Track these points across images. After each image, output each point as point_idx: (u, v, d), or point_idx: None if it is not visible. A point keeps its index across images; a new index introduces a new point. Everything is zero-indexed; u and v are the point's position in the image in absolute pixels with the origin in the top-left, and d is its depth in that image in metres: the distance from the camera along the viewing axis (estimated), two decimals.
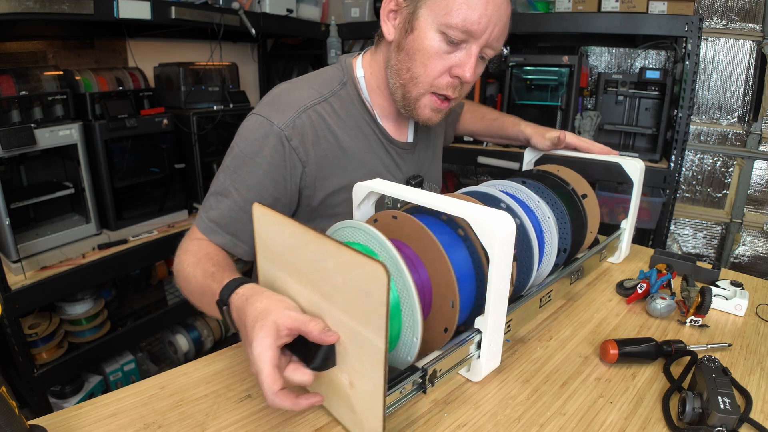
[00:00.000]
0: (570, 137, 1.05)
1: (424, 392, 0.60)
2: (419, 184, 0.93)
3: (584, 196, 0.92)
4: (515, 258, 0.69)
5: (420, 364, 0.59)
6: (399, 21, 0.76)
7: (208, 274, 0.66)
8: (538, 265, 0.79)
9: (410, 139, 0.93)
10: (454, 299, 0.60)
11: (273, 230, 0.58)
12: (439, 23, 0.71)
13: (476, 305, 0.67)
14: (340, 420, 0.59)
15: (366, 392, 0.51)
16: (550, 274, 0.85)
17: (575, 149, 1.06)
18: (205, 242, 0.77)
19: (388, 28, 0.77)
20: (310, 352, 0.52)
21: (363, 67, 0.86)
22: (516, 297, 0.77)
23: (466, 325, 0.68)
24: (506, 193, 0.80)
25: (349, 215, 0.83)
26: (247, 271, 1.22)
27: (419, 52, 0.73)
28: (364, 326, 0.48)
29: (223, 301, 0.58)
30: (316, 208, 0.83)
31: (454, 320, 0.61)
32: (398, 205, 0.97)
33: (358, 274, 0.46)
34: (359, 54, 0.89)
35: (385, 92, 0.86)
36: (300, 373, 0.51)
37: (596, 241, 1.01)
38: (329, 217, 0.83)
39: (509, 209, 0.77)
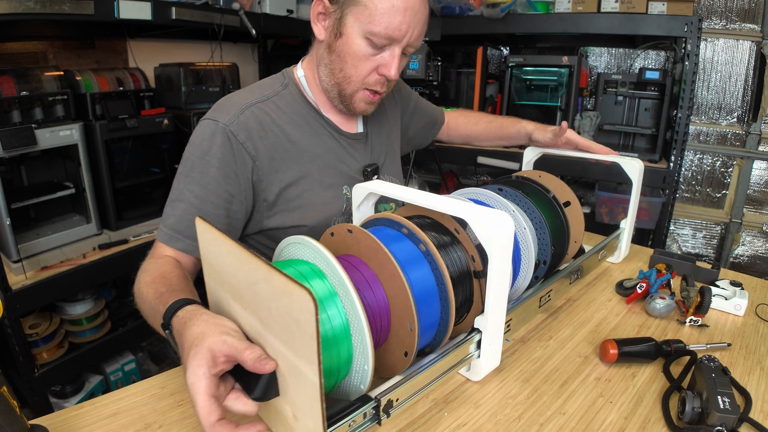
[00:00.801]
0: (570, 133, 1.06)
1: (379, 423, 0.55)
2: (374, 172, 0.94)
3: (567, 203, 0.88)
4: (483, 275, 0.64)
5: (374, 393, 0.55)
6: (328, 24, 0.81)
7: (157, 295, 0.64)
8: (513, 281, 0.76)
9: (360, 129, 0.96)
10: (412, 321, 0.55)
11: (213, 247, 0.54)
12: (364, 30, 0.77)
13: (442, 324, 0.62)
14: None
15: (308, 428, 0.46)
16: (528, 287, 0.80)
17: (576, 146, 1.06)
18: (162, 260, 0.75)
19: (319, 29, 0.83)
20: (251, 380, 0.48)
21: (303, 68, 0.91)
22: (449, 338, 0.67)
23: (432, 346, 0.65)
24: (477, 202, 0.73)
25: (311, 208, 0.84)
26: None
27: (349, 55, 0.80)
28: (298, 358, 0.44)
29: (166, 324, 0.56)
30: (274, 202, 0.84)
31: (413, 344, 0.56)
32: (392, 206, 0.98)
33: (288, 302, 0.42)
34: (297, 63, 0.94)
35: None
36: (241, 403, 0.48)
37: (581, 251, 0.97)
38: (290, 211, 0.85)
39: None
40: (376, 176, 0.94)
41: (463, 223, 0.66)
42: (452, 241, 0.66)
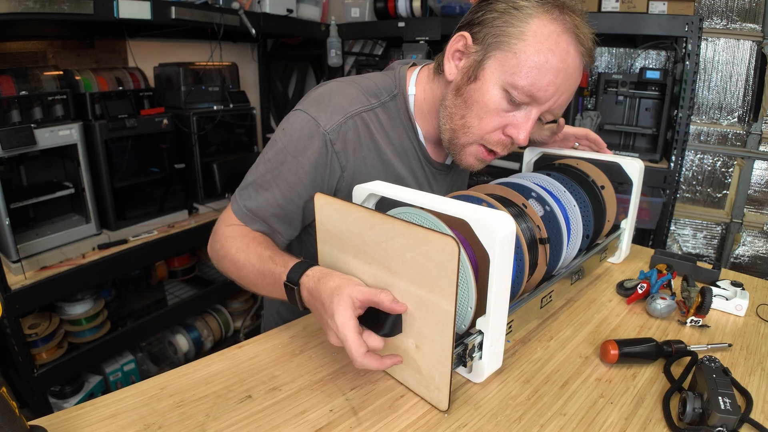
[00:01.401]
0: (567, 127, 1.06)
1: (464, 365, 0.64)
2: None
3: (603, 187, 0.97)
4: (548, 240, 0.76)
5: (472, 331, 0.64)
6: (464, 64, 0.73)
7: (265, 257, 0.70)
8: (566, 248, 0.85)
9: (448, 161, 0.92)
10: None
11: (336, 216, 0.64)
12: (505, 81, 0.68)
13: (517, 281, 0.72)
14: (404, 382, 0.65)
15: (433, 353, 0.58)
16: (575, 258, 0.93)
17: (573, 137, 1.07)
18: (245, 228, 0.80)
19: (451, 67, 0.75)
20: (378, 321, 0.58)
21: (416, 86, 0.84)
22: (544, 278, 0.83)
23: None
24: (536, 184, 0.86)
25: None
26: None
27: (478, 104, 0.71)
28: (434, 294, 0.54)
29: (294, 282, 0.63)
30: None
31: None
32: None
33: (427, 249, 0.53)
34: (415, 67, 0.86)
35: (433, 121, 0.84)
36: (373, 339, 0.57)
37: (614, 228, 1.06)
38: None
39: (539, 198, 0.83)
40: None
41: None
42: (521, 213, 0.76)
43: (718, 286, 0.90)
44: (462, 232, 0.67)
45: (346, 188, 0.81)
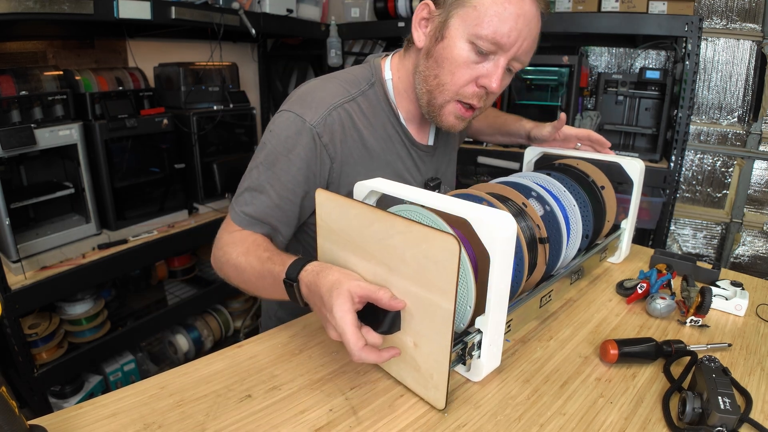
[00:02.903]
0: (566, 128, 1.06)
1: (463, 363, 0.65)
2: (437, 187, 0.95)
3: (603, 187, 0.97)
4: (547, 240, 0.76)
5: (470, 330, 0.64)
6: (430, 29, 0.77)
7: (264, 259, 0.71)
8: (566, 248, 0.85)
9: (431, 142, 0.95)
10: None
11: (336, 212, 0.64)
12: (469, 33, 0.72)
13: (516, 280, 0.72)
14: (401, 380, 0.65)
15: (431, 351, 0.58)
16: (575, 258, 0.93)
17: (575, 138, 1.07)
18: (246, 233, 0.80)
19: (419, 35, 0.79)
20: (377, 318, 0.58)
21: (391, 69, 0.88)
22: (543, 279, 0.82)
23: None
24: (537, 183, 0.87)
25: None
26: None
27: (448, 60, 0.75)
28: (432, 293, 0.54)
29: (293, 279, 0.63)
30: None
31: None
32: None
33: (428, 246, 0.52)
34: (387, 55, 0.90)
35: (411, 96, 0.87)
36: (371, 336, 0.57)
37: (614, 228, 1.06)
38: None
39: (539, 197, 0.83)
40: (437, 190, 0.95)
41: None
42: (521, 212, 0.77)
43: (718, 286, 0.90)
44: (462, 230, 0.67)
45: (337, 179, 0.83)
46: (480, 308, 0.64)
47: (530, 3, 0.72)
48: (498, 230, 0.58)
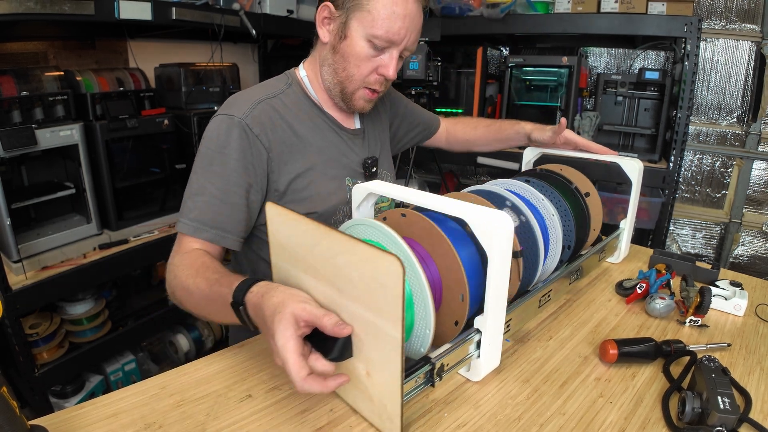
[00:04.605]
0: (569, 133, 1.06)
1: (432, 386, 0.61)
2: (374, 164, 1.00)
3: (587, 194, 0.95)
4: (521, 254, 0.72)
5: (431, 356, 0.61)
6: (333, 27, 0.88)
7: (212, 281, 0.68)
8: (543, 261, 0.80)
9: (358, 125, 1.02)
10: (464, 293, 0.62)
11: (286, 228, 0.61)
12: (367, 33, 0.84)
13: (482, 299, 0.67)
14: (357, 409, 0.61)
15: (383, 382, 0.53)
16: (555, 270, 0.87)
17: (575, 146, 1.07)
18: (194, 254, 0.78)
19: (324, 32, 0.89)
20: (327, 344, 0.54)
21: (305, 68, 0.97)
22: (519, 294, 0.78)
23: (469, 321, 0.68)
24: (511, 192, 0.83)
25: (318, 198, 0.89)
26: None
27: (353, 56, 0.86)
28: (380, 318, 0.50)
29: (239, 302, 0.60)
30: (284, 192, 0.88)
31: (464, 313, 0.63)
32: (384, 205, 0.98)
33: (373, 268, 0.48)
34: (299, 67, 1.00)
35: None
36: (321, 363, 0.53)
37: (599, 239, 1.03)
38: (299, 201, 0.89)
39: (514, 207, 0.79)
40: (375, 168, 1.00)
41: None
42: None
43: (717, 286, 0.90)
44: (428, 243, 0.65)
45: (277, 168, 0.87)
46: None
47: (413, 3, 0.83)
48: (495, 230, 0.58)
